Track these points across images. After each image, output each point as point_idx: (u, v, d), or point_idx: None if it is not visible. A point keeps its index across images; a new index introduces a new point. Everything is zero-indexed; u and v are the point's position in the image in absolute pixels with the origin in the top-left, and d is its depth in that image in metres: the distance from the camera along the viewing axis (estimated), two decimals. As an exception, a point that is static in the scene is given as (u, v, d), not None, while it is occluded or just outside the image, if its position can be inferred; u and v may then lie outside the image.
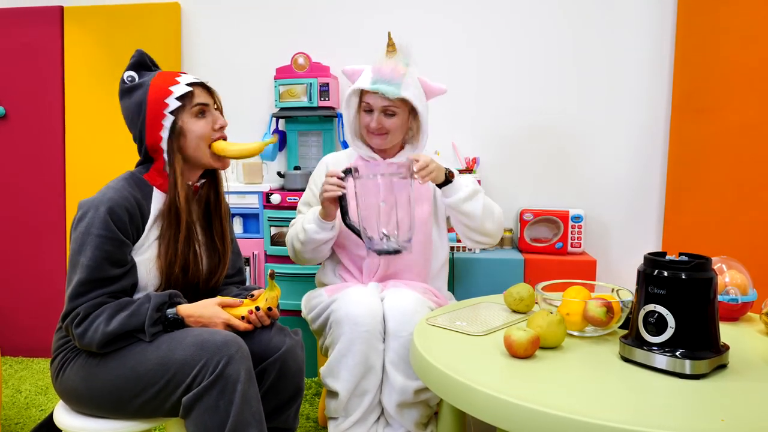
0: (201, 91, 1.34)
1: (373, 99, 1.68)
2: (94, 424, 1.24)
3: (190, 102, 1.31)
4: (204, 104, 1.33)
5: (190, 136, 1.31)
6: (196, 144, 1.32)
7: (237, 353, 1.18)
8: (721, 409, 0.92)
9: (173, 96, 1.29)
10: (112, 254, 1.22)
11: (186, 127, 1.31)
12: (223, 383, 1.15)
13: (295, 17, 2.65)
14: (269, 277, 1.36)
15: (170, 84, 1.30)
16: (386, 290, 1.63)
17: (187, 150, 1.32)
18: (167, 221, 1.31)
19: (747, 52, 2.27)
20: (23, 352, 2.71)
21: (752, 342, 1.26)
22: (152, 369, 1.18)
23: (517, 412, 0.94)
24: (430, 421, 1.62)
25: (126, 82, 1.33)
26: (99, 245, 1.20)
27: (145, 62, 1.37)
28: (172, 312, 1.25)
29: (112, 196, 1.24)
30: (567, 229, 2.34)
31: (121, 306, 1.21)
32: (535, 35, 2.52)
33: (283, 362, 1.33)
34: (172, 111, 1.29)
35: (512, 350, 1.15)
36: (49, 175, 2.68)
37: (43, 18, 2.65)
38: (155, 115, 1.29)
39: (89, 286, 1.20)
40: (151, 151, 1.33)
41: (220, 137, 1.35)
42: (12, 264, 2.70)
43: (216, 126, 1.34)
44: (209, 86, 1.37)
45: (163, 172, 1.33)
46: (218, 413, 1.14)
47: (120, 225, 1.23)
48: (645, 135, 2.49)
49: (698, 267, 1.08)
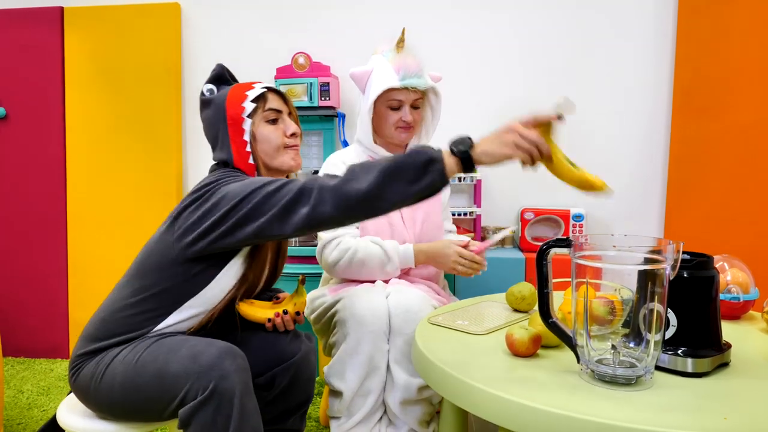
0: (274, 98, 1.33)
1: (403, 95, 1.69)
2: (98, 425, 1.23)
3: (263, 107, 1.30)
4: (276, 110, 1.31)
5: (261, 141, 1.29)
6: (267, 149, 1.30)
7: (232, 367, 1.11)
8: (723, 407, 0.92)
9: (249, 99, 1.28)
10: None
11: (257, 131, 1.29)
12: (218, 399, 1.09)
13: (295, 17, 2.65)
14: (299, 282, 1.35)
15: (246, 89, 1.30)
16: (390, 288, 1.63)
17: (261, 156, 1.30)
18: None
19: (748, 51, 2.27)
20: (25, 353, 2.71)
21: (754, 340, 1.26)
22: (149, 381, 1.15)
23: (519, 411, 0.94)
24: (433, 419, 1.62)
25: (205, 94, 1.33)
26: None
27: (224, 76, 1.36)
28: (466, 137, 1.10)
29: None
30: (568, 228, 2.34)
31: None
32: (537, 33, 2.52)
33: (297, 369, 1.33)
34: (248, 114, 1.28)
35: (514, 349, 1.15)
36: (50, 175, 2.68)
37: (44, 19, 2.66)
38: (235, 121, 1.27)
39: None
40: (237, 162, 1.28)
41: (294, 145, 1.33)
42: (13, 264, 2.70)
43: (288, 132, 1.32)
44: (283, 93, 1.36)
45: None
46: (216, 429, 1.10)
47: None
48: (646, 134, 2.49)
49: (700, 265, 1.08)
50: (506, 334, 1.18)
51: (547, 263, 1.07)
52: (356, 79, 1.76)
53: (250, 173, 1.29)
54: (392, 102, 1.70)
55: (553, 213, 2.36)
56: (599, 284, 1.02)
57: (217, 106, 1.29)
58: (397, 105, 1.70)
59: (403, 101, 1.70)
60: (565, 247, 1.05)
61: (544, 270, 1.07)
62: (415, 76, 1.67)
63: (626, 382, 0.99)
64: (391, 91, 1.69)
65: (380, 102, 1.71)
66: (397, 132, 1.73)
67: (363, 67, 1.75)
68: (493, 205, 2.58)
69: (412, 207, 1.72)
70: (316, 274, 2.31)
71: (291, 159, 1.32)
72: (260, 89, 1.30)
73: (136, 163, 2.62)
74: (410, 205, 1.07)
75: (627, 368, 0.99)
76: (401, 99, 1.69)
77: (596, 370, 1.01)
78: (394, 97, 1.69)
